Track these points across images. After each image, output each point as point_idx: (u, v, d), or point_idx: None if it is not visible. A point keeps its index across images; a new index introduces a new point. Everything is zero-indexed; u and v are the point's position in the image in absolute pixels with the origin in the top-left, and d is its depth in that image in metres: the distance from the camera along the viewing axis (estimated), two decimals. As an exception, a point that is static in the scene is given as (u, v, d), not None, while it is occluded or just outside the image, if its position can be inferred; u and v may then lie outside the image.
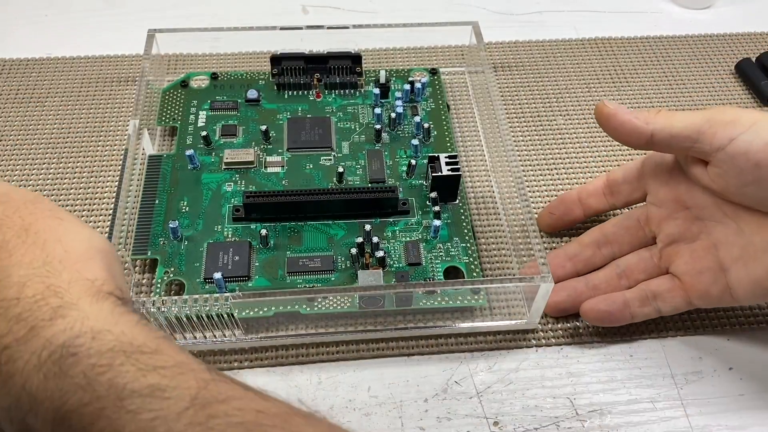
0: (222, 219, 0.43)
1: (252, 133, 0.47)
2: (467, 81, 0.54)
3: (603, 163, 0.49)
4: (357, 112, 0.49)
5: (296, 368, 0.38)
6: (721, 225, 0.37)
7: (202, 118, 0.48)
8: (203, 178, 0.45)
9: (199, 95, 0.50)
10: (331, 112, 0.49)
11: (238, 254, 0.40)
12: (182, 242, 0.41)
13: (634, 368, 0.39)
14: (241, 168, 0.45)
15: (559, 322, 0.40)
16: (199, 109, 0.49)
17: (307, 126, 0.47)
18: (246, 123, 0.48)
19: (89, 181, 0.47)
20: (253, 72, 0.52)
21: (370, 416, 0.36)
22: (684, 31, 0.59)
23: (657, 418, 0.37)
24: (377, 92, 0.49)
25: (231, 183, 0.44)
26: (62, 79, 0.53)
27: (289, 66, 0.49)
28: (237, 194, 0.44)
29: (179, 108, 0.49)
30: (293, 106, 0.49)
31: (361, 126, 0.48)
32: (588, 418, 0.37)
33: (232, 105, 0.49)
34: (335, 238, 0.42)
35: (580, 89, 0.54)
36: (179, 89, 0.50)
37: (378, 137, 0.47)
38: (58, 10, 0.60)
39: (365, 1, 0.62)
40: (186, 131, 0.47)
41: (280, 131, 0.47)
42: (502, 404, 0.37)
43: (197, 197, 0.44)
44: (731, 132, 0.34)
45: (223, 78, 0.51)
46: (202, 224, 0.42)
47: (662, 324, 0.40)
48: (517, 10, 0.62)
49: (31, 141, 0.49)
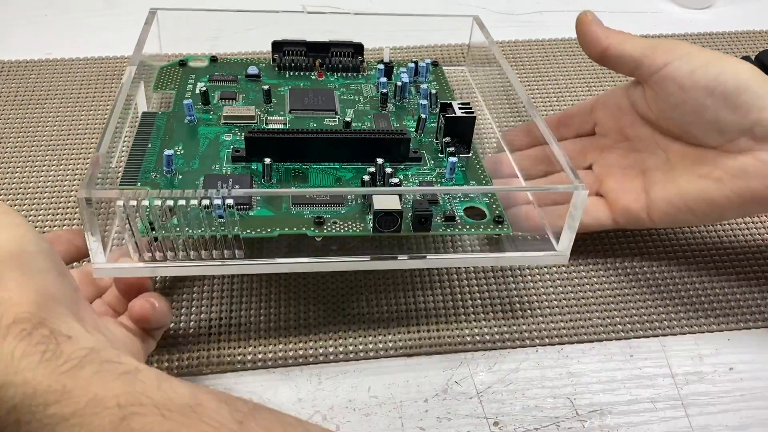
0: (220, 161, 0.40)
1: (252, 99, 0.46)
2: (468, 78, 0.53)
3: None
4: (360, 88, 0.48)
5: (296, 368, 0.38)
6: (654, 156, 0.41)
7: (200, 87, 0.46)
8: (200, 130, 0.42)
9: (197, 72, 0.49)
10: (334, 87, 0.48)
11: (238, 184, 0.37)
12: (176, 176, 0.38)
13: (634, 368, 0.39)
14: (241, 123, 0.43)
15: (560, 322, 0.40)
16: (197, 81, 0.47)
17: (309, 94, 0.46)
18: (246, 92, 0.46)
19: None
20: (254, 56, 0.50)
21: (370, 416, 0.36)
22: (684, 31, 0.59)
23: (657, 418, 0.37)
24: (381, 68, 0.48)
25: (230, 135, 0.42)
26: (61, 80, 0.53)
27: (291, 50, 0.49)
28: (237, 142, 0.41)
29: (176, 81, 0.47)
30: (295, 82, 0.48)
31: (365, 98, 0.47)
32: (588, 419, 0.37)
33: (232, 78, 0.48)
34: (343, 179, 0.39)
35: (580, 88, 0.54)
36: (177, 68, 0.49)
37: (384, 103, 0.46)
38: (57, 11, 0.60)
39: (365, 1, 0.62)
40: (182, 97, 0.45)
41: (282, 100, 0.46)
42: (502, 404, 0.37)
43: (193, 145, 0.41)
44: (667, 58, 0.39)
45: (223, 61, 0.50)
46: (197, 164, 0.39)
47: (663, 324, 0.40)
48: (517, 10, 0.62)
49: (31, 143, 0.49)
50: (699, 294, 0.42)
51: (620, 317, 0.40)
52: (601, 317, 0.40)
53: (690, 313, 0.41)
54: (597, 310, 0.41)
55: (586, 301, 0.41)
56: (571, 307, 0.41)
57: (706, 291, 0.42)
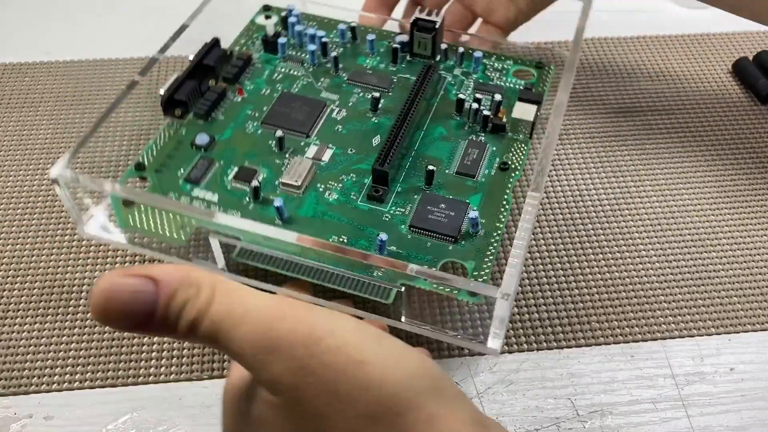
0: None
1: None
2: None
3: (603, 162, 0.49)
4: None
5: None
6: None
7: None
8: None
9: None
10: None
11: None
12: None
13: (635, 369, 0.39)
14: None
15: (558, 326, 0.40)
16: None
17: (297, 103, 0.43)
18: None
19: (85, 184, 0.46)
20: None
21: (369, 419, 0.36)
22: (682, 31, 0.59)
23: (658, 418, 0.37)
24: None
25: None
26: (56, 83, 0.53)
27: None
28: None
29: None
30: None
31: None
32: (589, 419, 0.36)
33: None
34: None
35: (579, 87, 0.54)
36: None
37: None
38: (57, 11, 0.60)
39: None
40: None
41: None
42: (502, 405, 0.37)
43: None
44: None
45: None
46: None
47: (663, 325, 0.40)
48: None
49: (25, 146, 0.49)
50: (700, 295, 0.42)
51: (618, 320, 0.40)
52: (599, 321, 0.40)
53: (691, 313, 0.41)
54: (596, 312, 0.41)
55: (584, 305, 0.41)
56: (569, 310, 0.41)
57: (706, 292, 0.42)
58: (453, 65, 0.46)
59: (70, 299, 0.40)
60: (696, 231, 0.45)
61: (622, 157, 0.49)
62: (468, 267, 0.35)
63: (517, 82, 0.45)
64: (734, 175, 0.48)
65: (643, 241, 0.44)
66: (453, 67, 0.46)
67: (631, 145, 0.50)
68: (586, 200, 0.46)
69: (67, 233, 0.43)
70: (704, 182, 0.48)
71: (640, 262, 0.43)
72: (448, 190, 0.39)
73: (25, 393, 0.37)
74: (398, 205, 0.38)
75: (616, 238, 0.44)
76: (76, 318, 0.39)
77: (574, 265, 0.43)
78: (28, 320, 0.39)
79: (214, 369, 0.38)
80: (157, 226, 0.36)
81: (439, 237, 0.36)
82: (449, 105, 0.43)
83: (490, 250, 0.36)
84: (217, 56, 0.43)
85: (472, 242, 0.36)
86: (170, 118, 0.41)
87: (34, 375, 0.37)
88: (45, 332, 0.39)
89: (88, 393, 0.37)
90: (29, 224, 0.44)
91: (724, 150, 0.50)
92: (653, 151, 0.49)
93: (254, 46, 0.47)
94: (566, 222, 0.45)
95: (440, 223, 0.36)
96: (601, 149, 0.49)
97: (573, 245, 0.44)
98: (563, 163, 0.48)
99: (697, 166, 0.49)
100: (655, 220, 0.45)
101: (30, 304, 0.40)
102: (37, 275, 0.41)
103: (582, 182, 0.47)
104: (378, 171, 0.37)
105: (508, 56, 0.47)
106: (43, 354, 0.38)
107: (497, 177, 0.39)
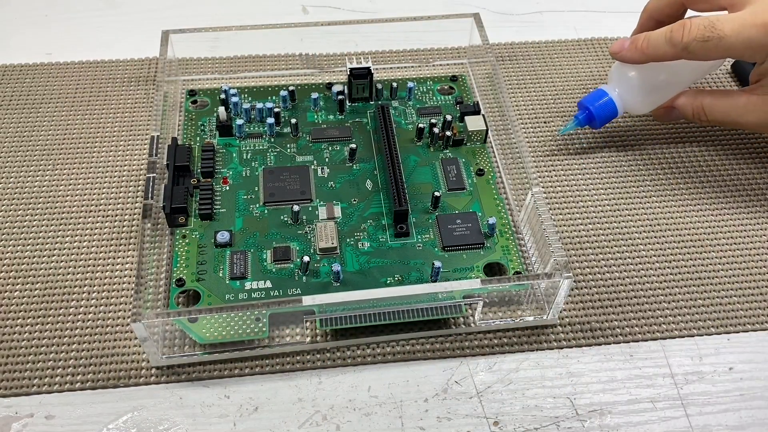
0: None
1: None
2: (471, 76, 0.53)
3: (603, 163, 0.49)
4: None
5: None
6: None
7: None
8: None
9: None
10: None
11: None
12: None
13: (634, 368, 0.39)
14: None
15: (558, 326, 0.40)
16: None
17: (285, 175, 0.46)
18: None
19: (85, 188, 0.46)
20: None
21: (370, 416, 0.36)
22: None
23: (657, 418, 0.37)
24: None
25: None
26: (57, 84, 0.53)
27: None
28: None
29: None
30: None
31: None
32: (588, 418, 0.36)
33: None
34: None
35: (578, 89, 0.54)
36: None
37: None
38: (58, 11, 0.60)
39: (365, 2, 0.62)
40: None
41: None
42: (502, 404, 0.37)
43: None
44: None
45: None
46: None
47: (662, 324, 0.40)
48: (517, 10, 0.62)
49: (26, 148, 0.49)
50: (699, 295, 0.42)
51: (618, 320, 0.40)
52: (599, 320, 0.40)
53: (690, 313, 0.41)
54: (595, 312, 0.41)
55: (584, 305, 0.41)
56: (569, 310, 0.41)
57: (705, 291, 0.42)
58: (388, 98, 0.50)
59: (71, 300, 0.40)
60: (695, 231, 0.45)
61: (622, 157, 0.49)
62: (504, 264, 0.41)
63: (445, 99, 0.51)
64: (734, 175, 0.48)
65: (643, 241, 0.44)
66: (389, 100, 0.51)
67: (631, 146, 0.50)
68: (586, 200, 0.46)
69: (67, 234, 0.44)
70: (703, 182, 0.48)
71: (639, 261, 0.43)
72: (452, 207, 0.44)
73: (26, 393, 0.37)
74: (421, 233, 0.43)
75: (616, 238, 0.44)
76: (77, 318, 0.40)
77: (574, 265, 0.43)
78: (30, 321, 0.40)
79: (214, 369, 0.38)
80: (232, 329, 0.37)
81: (471, 247, 0.42)
82: (406, 134, 0.48)
83: (512, 245, 0.42)
84: (185, 154, 0.44)
85: (495, 243, 0.42)
86: (176, 227, 0.42)
87: (35, 375, 0.37)
88: (46, 333, 0.39)
89: (89, 393, 0.37)
90: (30, 225, 0.44)
91: (723, 150, 0.50)
92: (653, 151, 0.50)
93: (204, 133, 0.48)
94: (566, 222, 0.45)
95: (465, 236, 0.42)
96: (601, 149, 0.50)
97: (573, 245, 0.44)
98: (563, 164, 0.49)
99: (697, 166, 0.49)
100: (655, 220, 0.45)
101: (31, 305, 0.40)
102: (38, 276, 0.41)
103: (582, 182, 0.47)
104: (399, 211, 0.42)
105: (427, 77, 0.53)
106: (44, 354, 0.38)
107: (480, 183, 0.46)
